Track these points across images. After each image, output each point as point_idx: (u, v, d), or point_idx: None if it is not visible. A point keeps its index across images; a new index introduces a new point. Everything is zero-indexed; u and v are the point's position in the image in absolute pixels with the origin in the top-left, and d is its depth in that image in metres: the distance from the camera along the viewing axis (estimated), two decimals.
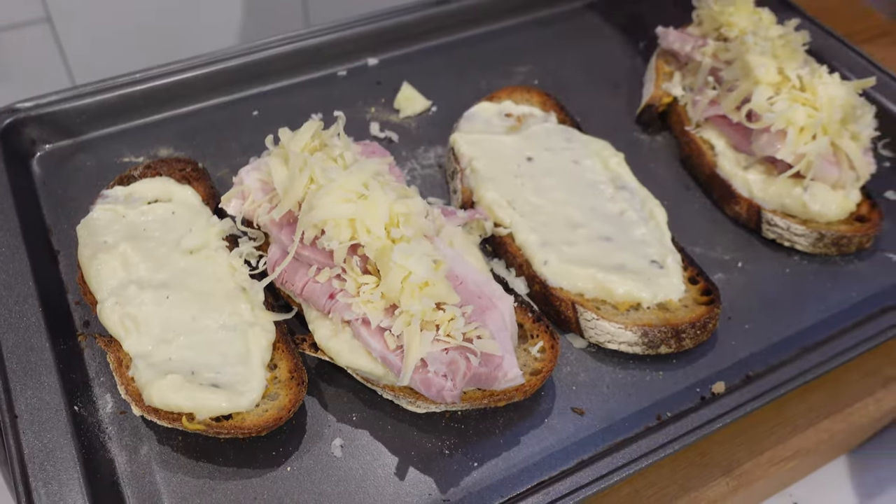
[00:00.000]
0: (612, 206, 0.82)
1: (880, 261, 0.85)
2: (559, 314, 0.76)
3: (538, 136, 0.88)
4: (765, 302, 0.81)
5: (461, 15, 1.07)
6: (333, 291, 0.69)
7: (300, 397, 0.68)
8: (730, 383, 0.73)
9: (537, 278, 0.77)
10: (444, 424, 0.70)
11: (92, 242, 0.75)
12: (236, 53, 0.96)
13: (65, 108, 0.91)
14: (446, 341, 0.65)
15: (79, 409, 0.68)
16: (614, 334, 0.74)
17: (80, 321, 0.75)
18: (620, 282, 0.75)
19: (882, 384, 0.76)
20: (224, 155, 0.91)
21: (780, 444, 0.72)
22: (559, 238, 0.79)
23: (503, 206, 0.81)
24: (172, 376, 0.66)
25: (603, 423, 0.71)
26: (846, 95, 0.83)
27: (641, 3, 1.15)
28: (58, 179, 0.87)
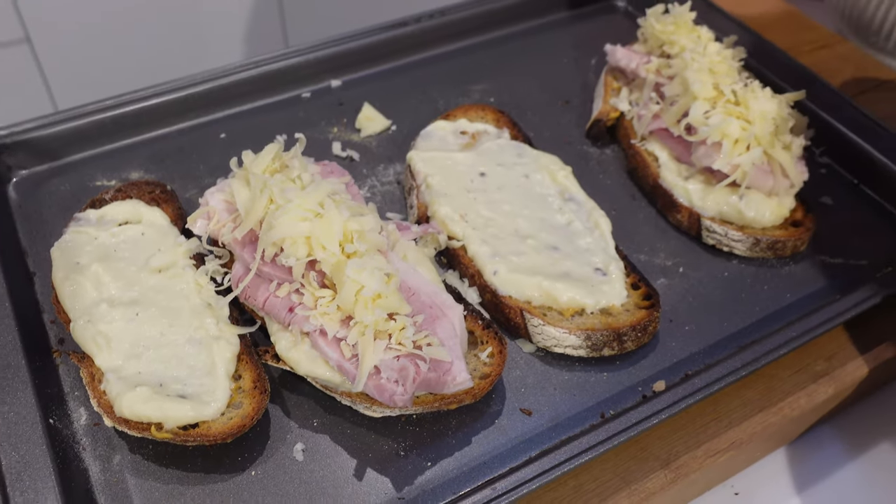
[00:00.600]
0: (560, 217, 0.87)
1: (814, 263, 0.90)
2: (509, 321, 0.81)
3: (491, 152, 0.93)
4: (704, 304, 0.86)
5: (420, 37, 1.12)
6: (293, 305, 0.73)
7: (263, 405, 0.72)
8: (669, 382, 0.78)
9: (488, 288, 0.82)
10: (400, 427, 0.74)
11: (65, 264, 0.79)
12: (203, 79, 1.01)
13: (40, 135, 0.95)
14: (398, 349, 0.70)
15: (54, 421, 0.72)
16: (560, 339, 0.78)
17: (55, 339, 0.79)
18: (565, 289, 0.80)
19: (813, 379, 0.81)
20: (192, 176, 0.95)
21: (715, 437, 0.77)
22: (509, 249, 0.83)
23: (456, 220, 0.85)
24: (141, 388, 0.70)
25: (550, 423, 0.75)
26: (777, 108, 0.88)
27: (593, 22, 1.20)
28: (33, 203, 0.91)
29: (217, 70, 1.02)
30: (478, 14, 1.14)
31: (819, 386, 0.81)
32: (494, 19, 1.16)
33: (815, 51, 1.21)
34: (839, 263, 0.90)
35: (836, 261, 0.90)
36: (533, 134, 1.02)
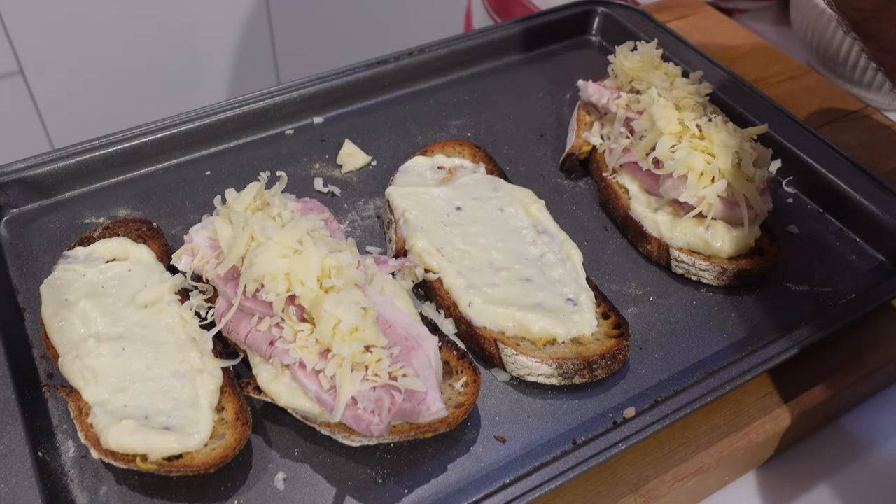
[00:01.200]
0: (533, 249, 0.90)
1: (780, 290, 0.93)
2: (484, 351, 0.84)
3: (467, 187, 0.96)
4: (673, 332, 0.89)
5: (400, 74, 1.15)
6: (273, 338, 0.76)
7: (245, 436, 0.75)
8: (639, 408, 0.81)
9: (463, 319, 0.85)
10: (378, 456, 0.77)
11: (54, 301, 0.82)
12: (189, 118, 1.04)
13: (30, 174, 0.98)
14: (374, 380, 0.73)
15: (43, 454, 0.74)
16: (532, 368, 0.81)
17: (44, 373, 0.82)
18: (537, 319, 0.83)
19: (778, 404, 0.84)
20: (178, 213, 0.98)
21: (683, 462, 0.79)
22: (483, 281, 0.86)
23: (432, 254, 0.89)
24: (127, 421, 0.72)
25: (523, 449, 0.78)
26: (740, 142, 0.92)
27: (567, 58, 1.24)
28: (24, 241, 0.94)
29: (203, 109, 1.05)
30: (455, 52, 1.18)
31: (784, 411, 0.84)
32: (471, 56, 1.19)
33: (784, 82, 1.25)
34: (804, 290, 0.93)
35: (801, 288, 0.94)
36: (508, 168, 1.05)
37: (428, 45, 1.16)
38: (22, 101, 2.65)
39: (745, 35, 1.33)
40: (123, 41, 2.68)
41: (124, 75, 2.73)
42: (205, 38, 2.80)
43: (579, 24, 1.28)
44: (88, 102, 2.71)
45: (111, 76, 2.70)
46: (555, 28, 1.25)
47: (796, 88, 1.23)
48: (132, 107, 2.79)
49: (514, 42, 1.23)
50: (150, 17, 2.67)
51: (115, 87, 2.73)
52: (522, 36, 1.23)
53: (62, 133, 2.78)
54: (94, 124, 2.69)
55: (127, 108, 2.77)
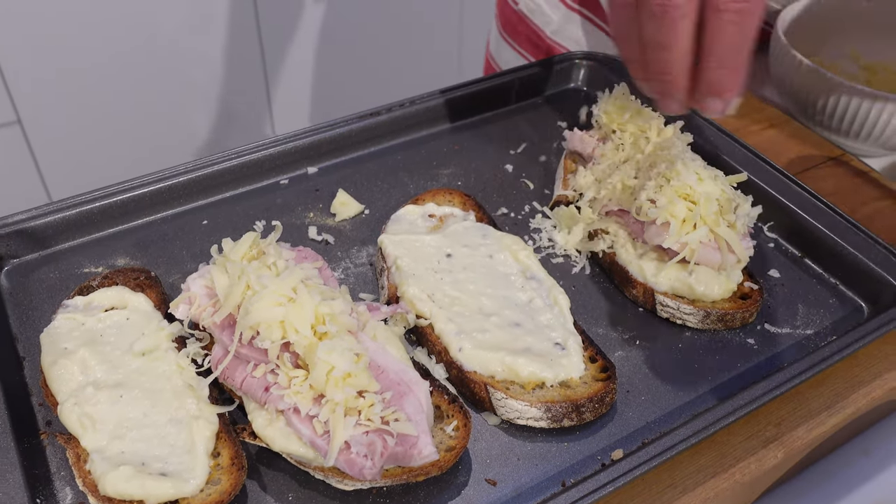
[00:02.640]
0: (522, 294, 0.93)
1: (763, 333, 0.96)
2: (474, 395, 0.86)
3: (457, 234, 0.99)
4: (659, 375, 0.91)
5: (391, 125, 1.19)
6: (268, 384, 0.78)
7: (241, 481, 0.76)
8: (627, 450, 0.83)
9: (454, 364, 0.87)
10: (371, 500, 0.78)
11: (53, 349, 0.83)
12: (186, 169, 1.07)
13: (30, 226, 1.00)
14: (367, 425, 0.74)
15: (41, 501, 0.76)
16: (522, 411, 0.83)
17: (42, 421, 0.83)
18: (526, 364, 0.85)
19: (763, 444, 0.86)
20: (175, 262, 1.01)
21: (671, 503, 0.81)
22: (473, 326, 0.89)
23: (424, 300, 0.91)
24: (124, 468, 0.74)
25: (514, 492, 0.80)
26: (720, 189, 0.95)
27: (554, 106, 1.28)
28: (23, 291, 0.96)
29: (199, 161, 1.08)
30: (445, 103, 1.21)
31: (769, 451, 0.86)
32: (461, 107, 1.23)
33: (764, 130, 1.29)
34: (786, 333, 0.96)
35: (783, 330, 0.96)
36: (497, 215, 1.08)
37: (419, 96, 1.20)
38: (19, 151, 2.69)
39: None
40: (120, 92, 2.72)
41: (120, 126, 2.77)
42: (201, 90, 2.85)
43: (566, 75, 1.32)
44: (85, 152, 2.75)
45: (107, 126, 2.75)
46: (542, 79, 1.29)
47: (776, 136, 1.27)
48: (128, 157, 2.83)
49: (502, 93, 1.26)
50: (147, 69, 2.72)
51: (111, 137, 2.77)
52: (510, 87, 1.27)
53: (58, 181, 2.81)
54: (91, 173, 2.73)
55: (122, 157, 2.81)
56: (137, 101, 2.80)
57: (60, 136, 2.74)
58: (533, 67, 1.30)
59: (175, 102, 2.87)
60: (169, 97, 2.86)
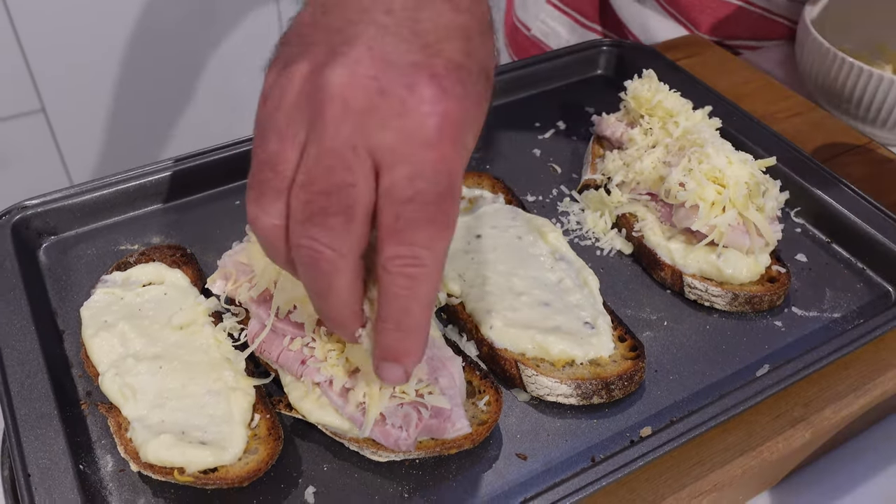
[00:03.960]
0: (551, 275, 0.94)
1: (790, 317, 0.96)
2: (505, 372, 0.87)
3: (487, 216, 1.00)
4: (687, 355, 0.92)
5: None
6: (304, 358, 0.80)
7: (277, 451, 0.78)
8: (655, 427, 0.84)
9: (485, 341, 0.88)
10: (404, 471, 0.80)
11: (94, 322, 0.85)
12: (218, 150, 1.09)
13: (67, 204, 1.02)
14: (401, 397, 0.76)
15: (83, 468, 0.78)
16: (552, 388, 0.84)
17: (82, 391, 0.85)
18: (557, 342, 0.86)
19: (790, 424, 0.87)
20: (209, 241, 1.02)
21: (699, 480, 0.82)
22: (503, 305, 0.90)
23: (454, 279, 0.92)
24: (165, 436, 0.76)
25: (544, 466, 0.81)
26: (749, 173, 0.96)
27: (582, 93, 1.29)
28: (62, 267, 0.98)
29: (232, 142, 1.10)
30: None
31: (796, 431, 0.86)
32: None
33: (790, 118, 1.29)
34: (814, 316, 0.97)
35: (810, 314, 0.97)
36: (525, 198, 1.09)
37: None
38: (43, 138, 2.72)
39: (752, 73, 1.38)
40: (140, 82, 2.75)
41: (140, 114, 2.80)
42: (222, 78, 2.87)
43: (592, 62, 1.33)
44: (106, 140, 2.78)
45: (128, 115, 2.78)
46: (569, 66, 1.30)
47: (802, 124, 1.27)
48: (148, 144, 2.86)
49: (530, 79, 1.27)
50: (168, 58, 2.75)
51: (131, 125, 2.80)
52: (538, 73, 1.28)
53: (80, 168, 2.85)
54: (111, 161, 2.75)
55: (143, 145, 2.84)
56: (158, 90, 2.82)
57: (83, 124, 2.77)
58: (560, 55, 1.31)
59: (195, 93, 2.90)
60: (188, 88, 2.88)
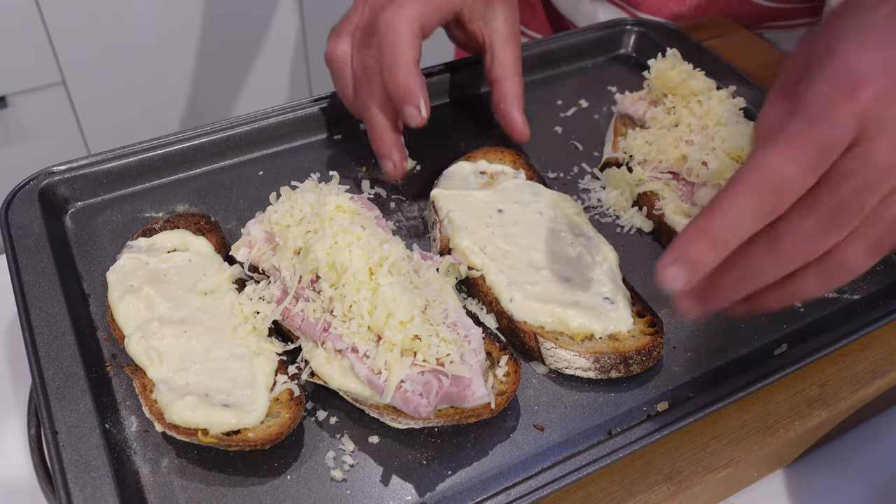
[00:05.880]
0: (571, 250, 0.94)
1: None
2: (524, 344, 0.88)
3: (508, 191, 1.01)
4: (705, 333, 0.92)
5: (441, 86, 1.20)
6: (327, 325, 0.81)
7: (299, 416, 0.79)
8: (672, 403, 0.84)
9: (505, 314, 0.89)
10: (423, 439, 0.81)
11: (120, 286, 0.87)
12: (243, 121, 1.10)
13: (94, 171, 1.03)
14: (423, 366, 0.77)
15: (109, 427, 0.79)
16: (570, 361, 0.85)
17: (108, 354, 0.86)
18: (576, 315, 0.87)
19: (807, 403, 0.87)
20: (233, 209, 1.03)
21: (715, 455, 0.82)
22: (524, 279, 0.90)
23: (475, 252, 0.93)
24: (190, 398, 0.77)
25: (561, 438, 0.82)
26: None
27: (604, 72, 1.29)
28: (88, 232, 0.99)
29: (256, 113, 1.11)
30: None
31: (812, 410, 0.87)
32: None
33: None
34: (833, 298, 0.97)
35: (830, 295, 0.97)
36: (548, 175, 1.10)
37: (471, 57, 1.21)
38: (63, 110, 2.75)
39: (777, 55, 1.37)
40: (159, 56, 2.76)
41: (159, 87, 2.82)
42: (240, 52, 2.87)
43: (615, 41, 1.32)
44: (125, 112, 2.80)
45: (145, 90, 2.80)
46: (592, 44, 1.30)
47: None
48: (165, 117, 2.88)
49: (553, 57, 1.27)
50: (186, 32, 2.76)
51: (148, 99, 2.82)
52: (561, 51, 1.28)
53: (99, 140, 2.87)
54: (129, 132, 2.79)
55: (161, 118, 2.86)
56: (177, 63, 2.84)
57: (102, 96, 2.79)
58: (583, 33, 1.30)
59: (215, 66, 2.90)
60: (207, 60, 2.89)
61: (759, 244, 0.66)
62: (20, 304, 0.87)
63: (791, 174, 0.61)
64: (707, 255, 0.64)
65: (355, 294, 0.78)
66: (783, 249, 0.65)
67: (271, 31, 2.91)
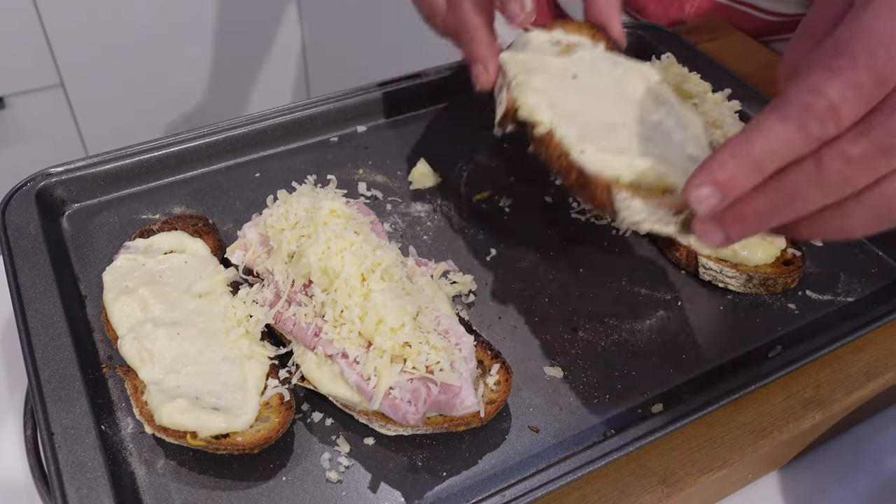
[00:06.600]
0: (653, 115, 0.87)
1: (804, 299, 0.97)
2: (594, 199, 0.80)
3: (585, 60, 0.93)
4: (701, 335, 0.92)
5: (440, 86, 1.20)
6: (318, 329, 0.81)
7: (289, 420, 0.79)
8: (667, 405, 0.84)
9: (574, 167, 0.81)
10: (418, 441, 0.81)
11: (115, 287, 0.87)
12: (240, 123, 1.10)
13: (91, 172, 1.03)
14: (412, 373, 0.77)
15: (105, 428, 0.79)
16: (646, 212, 0.76)
17: (104, 355, 0.87)
18: (656, 166, 0.79)
19: (801, 405, 0.87)
20: (230, 211, 1.04)
21: (709, 456, 0.82)
22: (598, 134, 0.83)
23: (544, 109, 0.85)
24: (180, 400, 0.77)
25: (556, 439, 0.82)
26: None
27: None
28: (85, 234, 1.00)
29: (254, 115, 1.11)
30: None
31: (807, 412, 0.87)
32: None
33: None
34: (827, 300, 0.97)
35: (824, 297, 0.97)
36: (545, 179, 1.10)
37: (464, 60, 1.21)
38: (61, 111, 2.75)
39: (774, 58, 1.37)
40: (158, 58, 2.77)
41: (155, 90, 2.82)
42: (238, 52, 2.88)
43: None
44: (123, 115, 2.81)
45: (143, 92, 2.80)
46: None
47: None
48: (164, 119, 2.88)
49: None
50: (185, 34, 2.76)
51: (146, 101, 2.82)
52: None
53: (96, 142, 2.88)
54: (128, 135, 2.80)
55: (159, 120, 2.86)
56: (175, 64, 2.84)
57: (101, 98, 2.80)
58: None
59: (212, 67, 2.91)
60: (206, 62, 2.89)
61: (801, 169, 0.62)
62: (16, 305, 0.87)
63: (848, 98, 0.59)
64: (742, 177, 0.63)
65: (346, 299, 0.78)
66: (828, 174, 0.61)
67: (270, 34, 2.91)
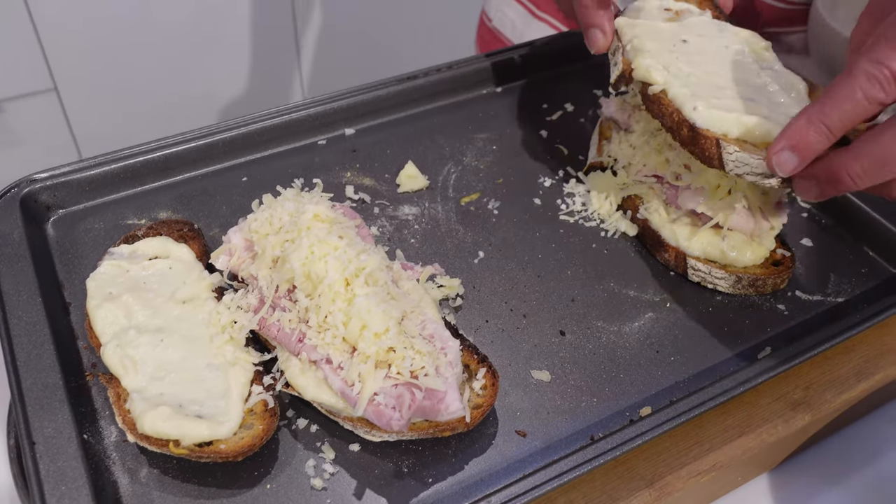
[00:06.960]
0: (758, 79, 0.94)
1: (793, 300, 0.96)
2: (703, 152, 0.88)
3: (693, 25, 1.01)
4: (689, 337, 0.92)
5: (428, 89, 1.20)
6: (302, 335, 0.80)
7: (273, 427, 0.78)
8: (655, 407, 0.84)
9: (686, 122, 0.89)
10: (404, 447, 0.80)
11: (99, 293, 0.86)
12: (227, 127, 1.09)
13: (76, 178, 1.03)
14: (396, 378, 0.76)
15: (87, 437, 0.79)
16: (753, 165, 0.84)
17: (87, 362, 0.86)
18: (762, 123, 0.86)
19: (791, 407, 0.87)
20: (216, 216, 1.03)
21: (697, 459, 0.82)
22: (708, 93, 0.91)
23: (658, 70, 0.93)
24: (163, 408, 0.76)
25: (543, 444, 0.81)
26: None
27: (591, 76, 1.28)
28: (69, 240, 0.99)
29: (240, 119, 1.10)
30: (482, 68, 1.22)
31: (796, 413, 0.86)
32: (498, 73, 1.24)
33: None
34: (817, 301, 0.96)
35: (814, 298, 0.97)
36: (532, 180, 1.09)
37: (457, 61, 1.21)
38: (55, 116, 2.74)
39: None
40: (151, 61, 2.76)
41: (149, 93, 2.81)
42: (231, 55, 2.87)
43: None
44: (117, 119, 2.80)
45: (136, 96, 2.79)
46: (577, 48, 1.29)
47: None
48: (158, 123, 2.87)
49: (539, 61, 1.27)
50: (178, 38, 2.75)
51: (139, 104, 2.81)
52: (547, 55, 1.27)
53: (91, 146, 2.87)
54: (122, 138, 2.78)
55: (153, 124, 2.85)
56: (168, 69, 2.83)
57: (94, 102, 2.79)
58: (568, 37, 1.30)
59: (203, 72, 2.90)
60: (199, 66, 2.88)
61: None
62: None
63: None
64: (816, 141, 0.75)
65: (330, 305, 0.78)
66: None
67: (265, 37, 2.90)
